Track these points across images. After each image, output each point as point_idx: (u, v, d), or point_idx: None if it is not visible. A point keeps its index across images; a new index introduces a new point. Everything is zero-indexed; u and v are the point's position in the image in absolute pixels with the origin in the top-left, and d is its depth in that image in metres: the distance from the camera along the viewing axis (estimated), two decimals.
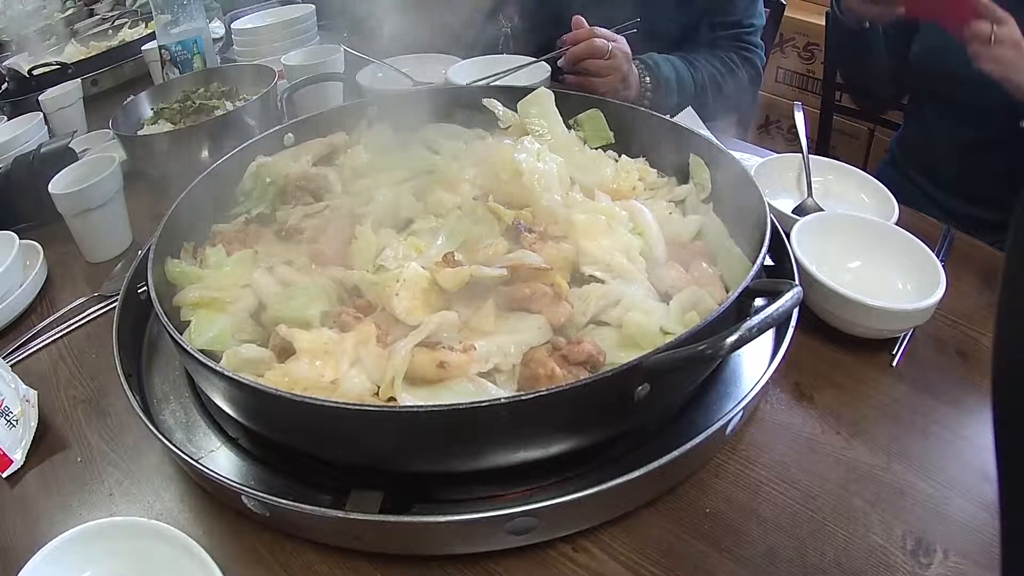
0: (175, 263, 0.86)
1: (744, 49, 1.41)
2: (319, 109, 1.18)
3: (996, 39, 1.00)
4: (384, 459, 0.67)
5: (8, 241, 1.09)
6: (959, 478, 0.70)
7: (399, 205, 0.92)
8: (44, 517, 0.75)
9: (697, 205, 0.93)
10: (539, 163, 0.89)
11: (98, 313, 1.03)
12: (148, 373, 0.88)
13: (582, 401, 0.61)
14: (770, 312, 0.59)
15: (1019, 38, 1.00)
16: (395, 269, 0.78)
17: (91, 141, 1.45)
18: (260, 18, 1.78)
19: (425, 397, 0.66)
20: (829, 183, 1.09)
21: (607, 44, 1.21)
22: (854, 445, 0.74)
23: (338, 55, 1.52)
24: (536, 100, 1.05)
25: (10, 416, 0.81)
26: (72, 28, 2.09)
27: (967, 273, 0.93)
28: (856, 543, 0.65)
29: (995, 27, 0.99)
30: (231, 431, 0.78)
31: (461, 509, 0.65)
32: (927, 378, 0.81)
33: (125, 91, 1.70)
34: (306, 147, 1.09)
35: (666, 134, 1.00)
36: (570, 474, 0.68)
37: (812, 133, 1.67)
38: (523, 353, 0.70)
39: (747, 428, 0.76)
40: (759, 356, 0.81)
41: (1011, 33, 1.00)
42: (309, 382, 0.68)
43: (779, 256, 0.87)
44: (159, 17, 1.53)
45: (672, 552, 0.65)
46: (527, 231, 0.82)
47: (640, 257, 0.81)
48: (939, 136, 1.26)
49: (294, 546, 0.68)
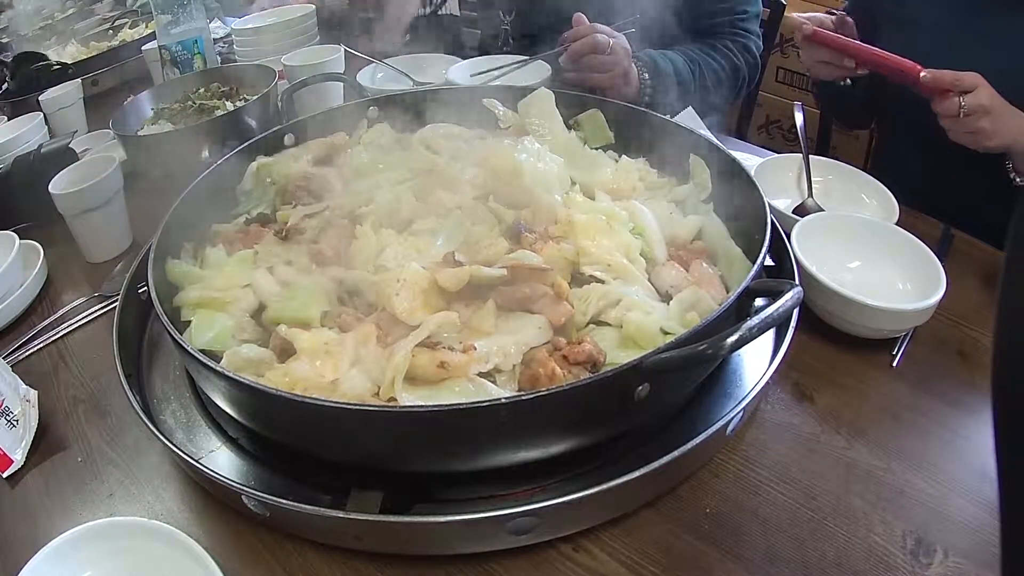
0: (175, 263, 0.86)
1: (740, 36, 1.41)
2: (319, 109, 1.18)
3: (966, 112, 0.94)
4: (384, 459, 0.67)
5: (8, 241, 1.09)
6: (959, 478, 0.70)
7: (399, 205, 0.92)
8: (44, 517, 0.75)
9: (697, 205, 0.93)
10: (539, 163, 0.89)
11: (98, 313, 1.03)
12: (148, 373, 0.88)
13: (582, 401, 0.61)
14: (770, 312, 0.59)
15: (988, 104, 0.93)
16: (395, 269, 0.78)
17: (91, 141, 1.45)
18: (260, 18, 1.78)
19: (425, 397, 0.66)
20: (829, 183, 1.09)
21: (608, 40, 1.21)
22: (854, 445, 0.74)
23: (338, 55, 1.52)
24: (536, 100, 1.05)
25: (10, 416, 0.81)
26: (72, 28, 2.09)
27: (967, 273, 0.93)
28: (856, 543, 0.65)
29: (963, 99, 0.93)
30: (231, 431, 0.78)
31: (461, 509, 0.65)
32: (927, 378, 0.81)
33: (125, 91, 1.70)
34: (306, 147, 1.09)
35: (666, 134, 1.00)
36: (570, 474, 0.68)
37: (812, 133, 1.67)
38: (523, 353, 0.70)
39: (747, 428, 0.76)
40: (759, 356, 0.81)
41: (979, 100, 0.93)
42: (309, 382, 0.68)
43: (779, 256, 0.87)
44: (159, 17, 1.53)
45: (672, 552, 0.65)
46: (527, 231, 0.82)
47: (640, 257, 0.81)
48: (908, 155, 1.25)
49: (294, 546, 0.68)
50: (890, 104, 1.23)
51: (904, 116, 0.97)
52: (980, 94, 0.93)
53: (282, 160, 1.05)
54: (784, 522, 0.67)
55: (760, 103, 1.96)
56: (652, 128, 1.02)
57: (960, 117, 0.94)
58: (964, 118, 0.94)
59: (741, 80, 1.42)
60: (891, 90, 1.18)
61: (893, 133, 1.37)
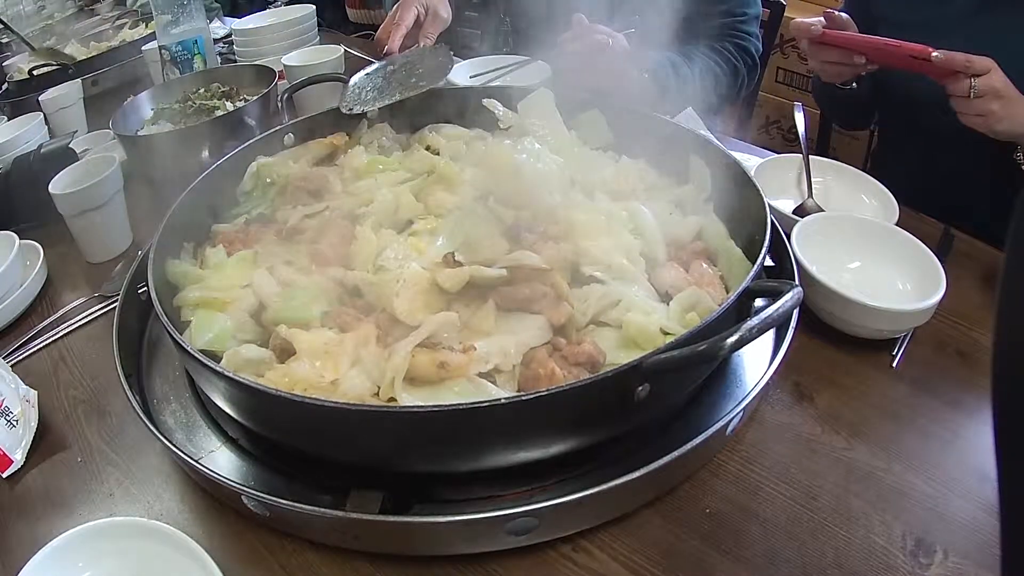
0: (175, 263, 0.86)
1: (739, 38, 1.42)
2: (319, 109, 1.18)
3: (976, 93, 0.93)
4: (384, 459, 0.67)
5: (8, 241, 1.09)
6: (959, 478, 0.70)
7: (399, 205, 0.92)
8: (44, 517, 0.75)
9: (697, 205, 0.93)
10: (539, 163, 0.89)
11: (98, 313, 1.03)
12: (148, 373, 0.88)
13: (582, 401, 0.61)
14: (770, 312, 0.59)
15: (1000, 87, 0.93)
16: (395, 269, 0.78)
17: (91, 141, 1.44)
18: (260, 18, 1.78)
19: (425, 397, 0.66)
20: (829, 183, 1.09)
21: (607, 40, 1.21)
22: (854, 445, 0.74)
23: (338, 55, 1.52)
24: (536, 100, 1.05)
25: (10, 416, 0.81)
26: (72, 28, 2.09)
27: (967, 273, 0.93)
28: (856, 543, 0.65)
29: (974, 81, 0.93)
30: (231, 431, 0.78)
31: (461, 509, 0.65)
32: (927, 378, 0.81)
33: (125, 91, 1.70)
34: (306, 147, 1.09)
35: (666, 134, 1.00)
36: (570, 474, 0.68)
37: (812, 133, 1.67)
38: (523, 353, 0.70)
39: (747, 428, 0.76)
40: (759, 356, 0.81)
41: (991, 83, 0.93)
42: (309, 382, 0.68)
43: (779, 256, 0.87)
44: (159, 17, 1.53)
45: (672, 552, 0.65)
46: (527, 231, 0.82)
47: (640, 257, 0.81)
48: (908, 155, 1.25)
49: (294, 546, 0.68)
50: (890, 104, 1.23)
51: (904, 116, 0.97)
52: (992, 77, 0.93)
53: (282, 160, 1.04)
54: (784, 522, 0.67)
55: (760, 103, 1.96)
56: (652, 128, 1.02)
57: (971, 98, 0.94)
58: (975, 99, 0.94)
59: (740, 81, 1.42)
60: (892, 90, 1.18)
61: (893, 134, 1.37)
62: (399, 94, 1.09)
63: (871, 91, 1.20)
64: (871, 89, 1.20)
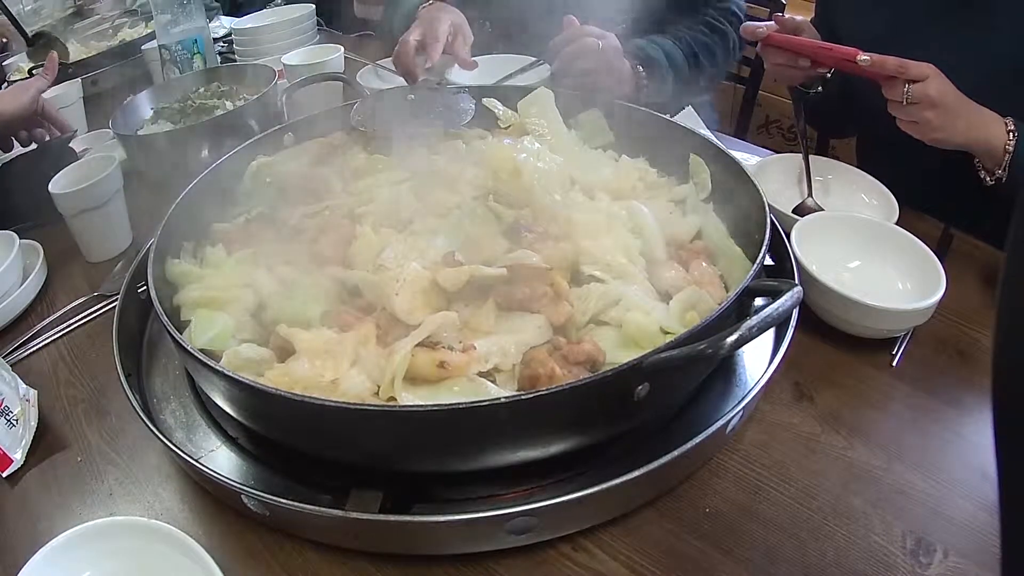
0: (175, 263, 0.86)
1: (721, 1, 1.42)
2: (319, 109, 1.18)
3: (910, 99, 0.91)
4: (384, 459, 0.67)
5: (8, 241, 1.09)
6: (959, 478, 0.70)
7: (399, 205, 0.92)
8: (44, 517, 0.75)
9: (697, 205, 0.93)
10: (539, 163, 0.89)
11: (98, 313, 1.03)
12: (148, 373, 0.88)
13: (582, 401, 0.61)
14: (770, 312, 0.59)
15: (935, 96, 0.90)
16: (395, 269, 0.78)
17: (91, 141, 1.45)
18: (260, 18, 1.78)
19: (425, 397, 0.66)
20: (829, 183, 1.09)
21: (597, 42, 1.21)
22: (854, 445, 0.74)
23: (338, 55, 1.52)
24: (536, 100, 1.05)
25: (10, 416, 0.81)
26: (72, 28, 2.09)
27: (967, 273, 0.93)
28: (856, 543, 0.65)
29: (908, 87, 0.90)
30: (231, 431, 0.78)
31: (461, 509, 0.65)
32: (927, 378, 0.81)
33: (125, 91, 1.70)
34: (306, 147, 1.09)
35: (666, 134, 1.00)
36: (570, 474, 0.68)
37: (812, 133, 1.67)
38: (523, 353, 0.70)
39: (747, 428, 0.76)
40: (759, 356, 0.81)
41: (925, 91, 0.89)
42: (309, 382, 0.68)
43: (779, 256, 0.87)
44: (159, 17, 1.53)
45: (672, 552, 0.65)
46: (527, 231, 0.82)
47: (640, 257, 0.81)
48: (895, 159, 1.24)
49: (294, 546, 0.68)
50: (860, 109, 1.22)
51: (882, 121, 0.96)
52: (928, 85, 0.90)
53: (282, 160, 1.04)
54: (784, 522, 0.67)
55: (760, 103, 1.95)
56: (652, 127, 1.02)
57: (904, 104, 0.92)
58: (908, 105, 0.91)
59: (732, 43, 1.42)
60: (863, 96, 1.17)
61: (873, 139, 1.36)
62: (412, 129, 1.06)
63: (840, 97, 1.20)
64: (840, 95, 1.19)
